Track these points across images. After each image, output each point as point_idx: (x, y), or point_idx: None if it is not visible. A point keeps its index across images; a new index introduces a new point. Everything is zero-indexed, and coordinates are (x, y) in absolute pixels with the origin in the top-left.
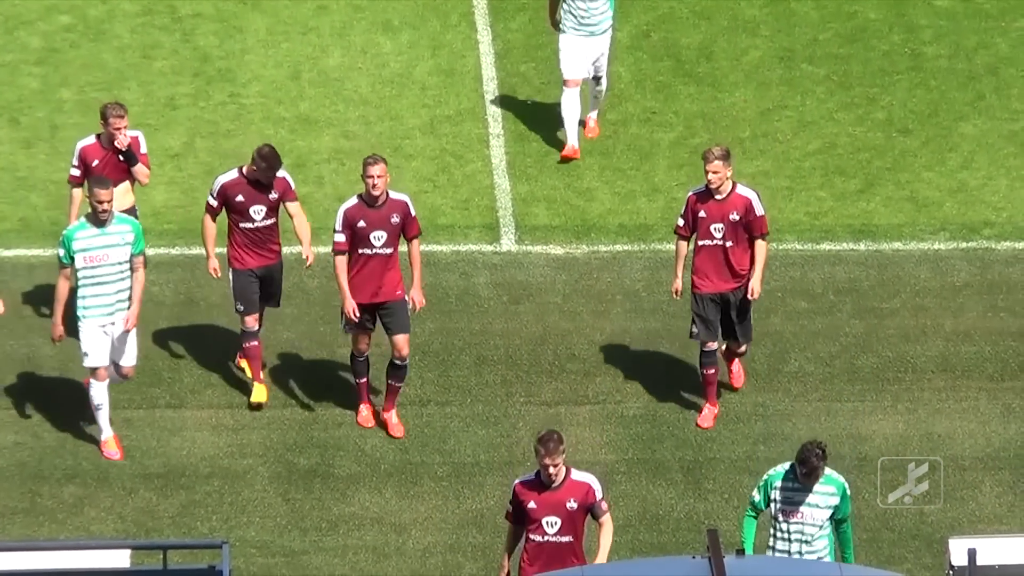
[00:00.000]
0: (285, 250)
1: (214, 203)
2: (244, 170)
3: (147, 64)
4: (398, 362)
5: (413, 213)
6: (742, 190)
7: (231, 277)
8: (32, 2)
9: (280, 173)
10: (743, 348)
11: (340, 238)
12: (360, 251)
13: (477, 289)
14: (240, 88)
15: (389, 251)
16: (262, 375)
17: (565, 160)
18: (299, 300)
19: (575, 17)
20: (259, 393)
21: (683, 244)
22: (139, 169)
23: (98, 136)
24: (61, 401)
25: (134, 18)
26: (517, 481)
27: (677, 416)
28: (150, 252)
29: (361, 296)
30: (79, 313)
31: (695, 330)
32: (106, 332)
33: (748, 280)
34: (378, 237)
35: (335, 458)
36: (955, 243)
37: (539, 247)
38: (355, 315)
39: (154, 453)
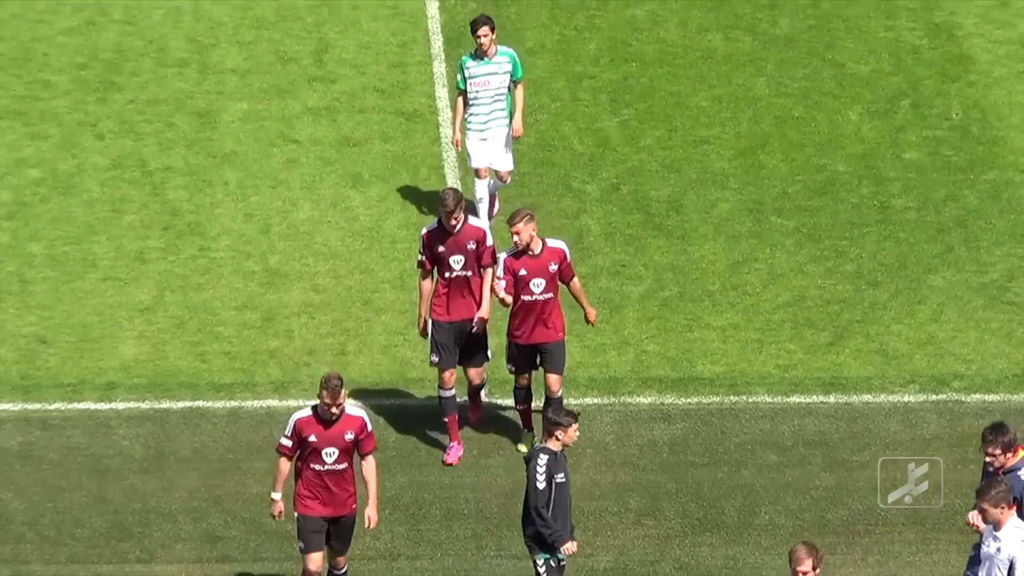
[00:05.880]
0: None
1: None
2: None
3: (117, 218)
4: None
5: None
6: None
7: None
8: (1, 156)
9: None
10: None
11: None
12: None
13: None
14: (210, 241)
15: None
16: None
17: None
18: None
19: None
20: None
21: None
22: None
23: None
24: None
25: (104, 172)
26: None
27: (648, 570)
28: (120, 407)
29: None
30: None
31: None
32: None
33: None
34: None
35: None
36: (925, 396)
37: (510, 401)
38: None
39: None
